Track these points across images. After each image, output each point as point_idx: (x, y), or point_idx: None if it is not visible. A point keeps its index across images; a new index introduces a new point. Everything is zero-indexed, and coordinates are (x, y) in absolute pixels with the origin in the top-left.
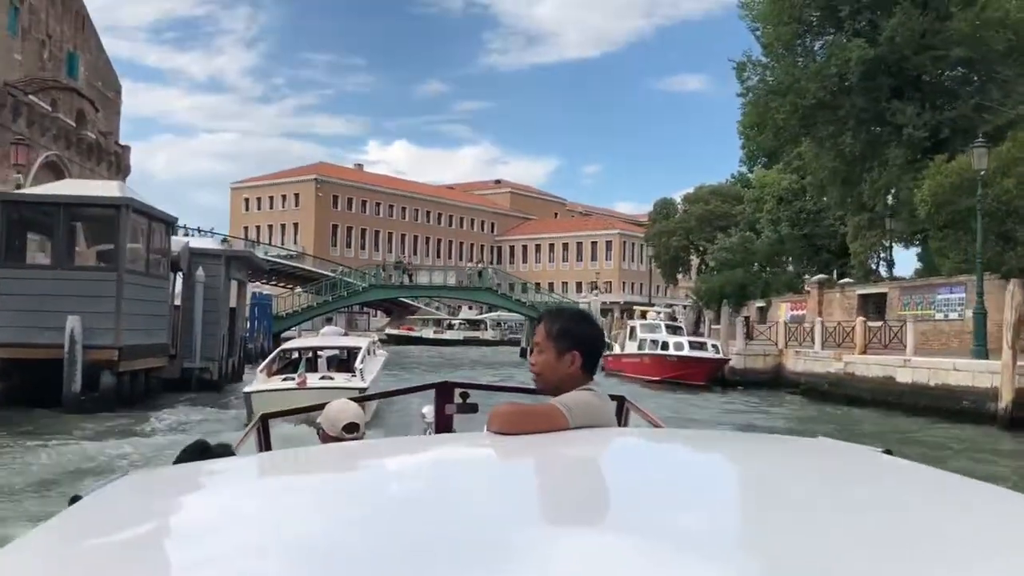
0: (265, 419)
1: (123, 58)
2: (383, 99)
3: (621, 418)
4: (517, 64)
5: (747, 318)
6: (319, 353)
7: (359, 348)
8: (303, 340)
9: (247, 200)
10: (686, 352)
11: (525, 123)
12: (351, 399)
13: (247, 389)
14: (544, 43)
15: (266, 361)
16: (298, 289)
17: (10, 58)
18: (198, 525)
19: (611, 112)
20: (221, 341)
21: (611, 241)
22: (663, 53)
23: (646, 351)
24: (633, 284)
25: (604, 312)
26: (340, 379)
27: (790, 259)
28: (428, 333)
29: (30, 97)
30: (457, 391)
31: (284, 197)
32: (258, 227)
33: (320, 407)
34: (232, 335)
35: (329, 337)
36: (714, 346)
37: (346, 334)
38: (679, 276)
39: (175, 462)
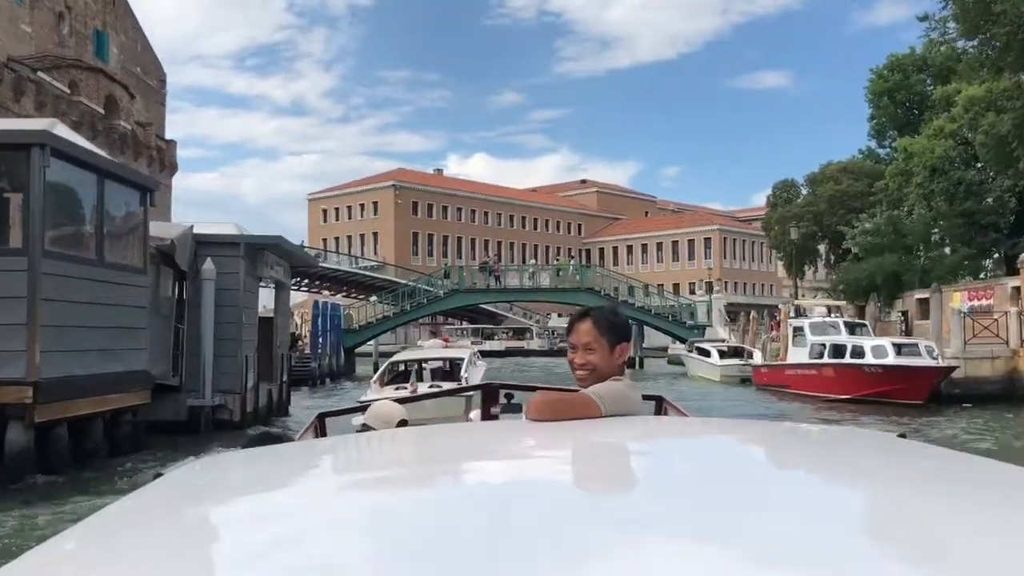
0: (322, 417)
1: (208, 87)
2: (460, 113)
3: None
4: (592, 70)
5: (904, 313)
6: (424, 365)
7: (462, 359)
8: (409, 352)
9: (325, 211)
10: (891, 360)
11: (602, 128)
12: (398, 400)
13: (364, 398)
14: (618, 47)
15: (378, 373)
16: (373, 298)
17: (16, 29)
18: (272, 504)
19: (689, 113)
20: (244, 365)
21: (710, 238)
22: (739, 51)
23: (826, 359)
24: (737, 283)
25: (731, 314)
26: (448, 387)
27: (947, 240)
28: (463, 344)
29: (40, 75)
30: (502, 392)
31: (363, 206)
32: (336, 238)
33: (363, 408)
34: (270, 356)
35: (433, 349)
36: (928, 348)
37: (447, 346)
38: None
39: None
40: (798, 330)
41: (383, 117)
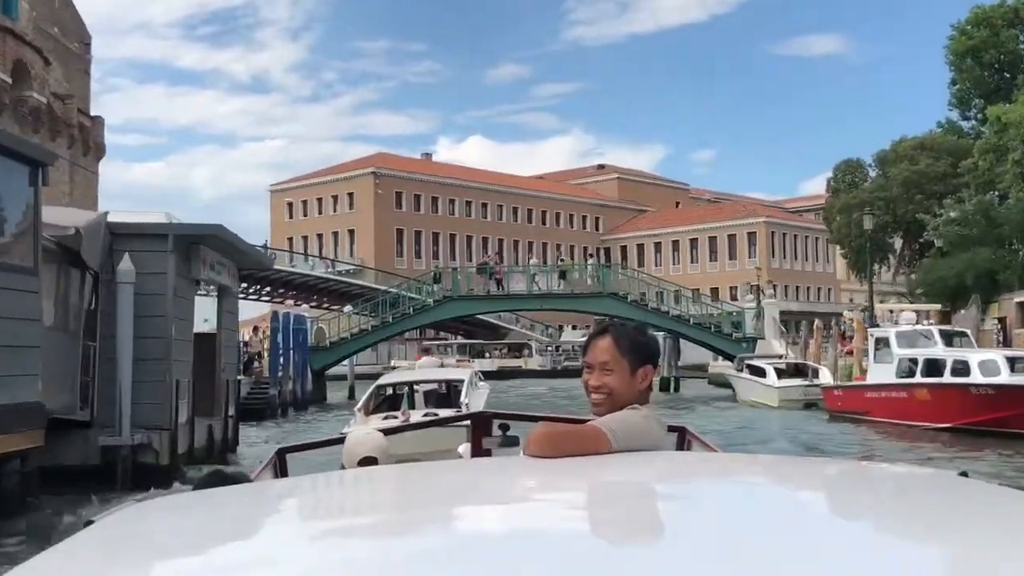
0: (283, 454)
1: (153, 60)
2: (451, 89)
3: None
4: (608, 36)
5: (1001, 320)
6: (415, 388)
7: (461, 380)
8: (398, 374)
9: (290, 205)
10: (1006, 378)
11: (622, 105)
12: (380, 430)
13: (346, 430)
14: (639, 8)
15: (363, 399)
16: (348, 308)
17: None
18: (216, 557)
19: (725, 86)
20: (175, 393)
21: (755, 232)
22: (784, 11)
23: (920, 378)
24: (788, 287)
25: (785, 322)
26: (445, 414)
27: None
28: (449, 363)
29: None
30: (496, 423)
31: (336, 198)
32: (305, 237)
33: (334, 442)
34: (211, 381)
35: (426, 370)
36: None
37: (442, 365)
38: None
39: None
40: (881, 341)
41: (360, 95)
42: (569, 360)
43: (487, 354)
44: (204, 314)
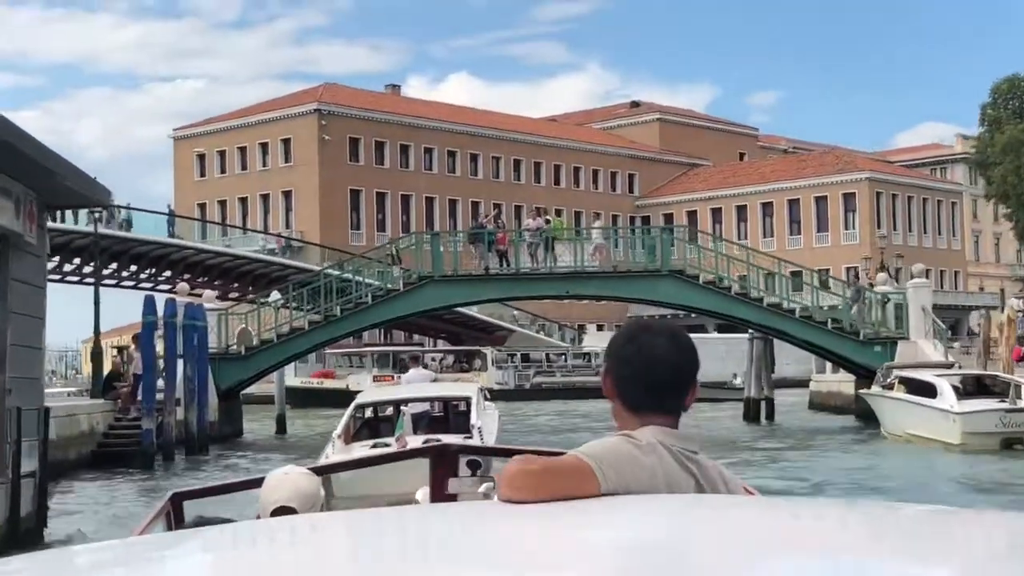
0: (178, 500)
1: None
2: (426, 10)
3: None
4: None
5: None
6: (402, 409)
7: (466, 398)
8: (380, 391)
9: (202, 158)
10: None
11: (653, 32)
12: (309, 468)
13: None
14: None
15: (342, 424)
16: (273, 295)
17: None
18: None
19: (791, 8)
20: None
21: (853, 193)
22: None
23: None
24: (900, 270)
25: (941, 309)
26: (452, 440)
27: None
28: (362, 383)
29: None
30: (463, 459)
31: (264, 148)
32: (222, 202)
33: (253, 484)
34: None
35: (417, 385)
36: None
37: (436, 379)
38: None
39: None
40: None
41: (303, 18)
42: (541, 372)
43: (424, 364)
44: None
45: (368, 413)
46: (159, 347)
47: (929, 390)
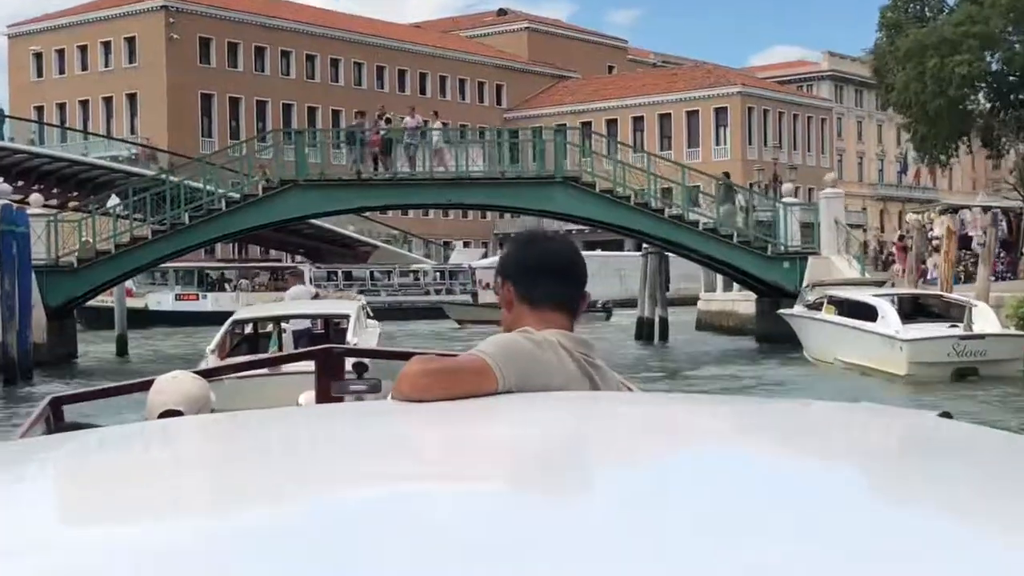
0: (57, 404)
1: None
2: None
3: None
4: None
5: None
6: (283, 326)
7: (345, 315)
8: (260, 308)
9: (38, 57)
10: None
11: None
12: (195, 372)
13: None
14: None
15: (216, 339)
16: (112, 201)
17: None
18: None
19: None
20: None
21: (726, 107)
22: None
23: None
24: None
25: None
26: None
27: None
28: (163, 302)
29: None
30: (349, 361)
31: (107, 47)
32: (61, 105)
33: (137, 387)
34: None
35: (299, 302)
36: None
37: (317, 295)
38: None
39: None
40: None
41: None
42: (366, 294)
43: (231, 285)
44: None
45: (248, 330)
46: None
47: (867, 312)
